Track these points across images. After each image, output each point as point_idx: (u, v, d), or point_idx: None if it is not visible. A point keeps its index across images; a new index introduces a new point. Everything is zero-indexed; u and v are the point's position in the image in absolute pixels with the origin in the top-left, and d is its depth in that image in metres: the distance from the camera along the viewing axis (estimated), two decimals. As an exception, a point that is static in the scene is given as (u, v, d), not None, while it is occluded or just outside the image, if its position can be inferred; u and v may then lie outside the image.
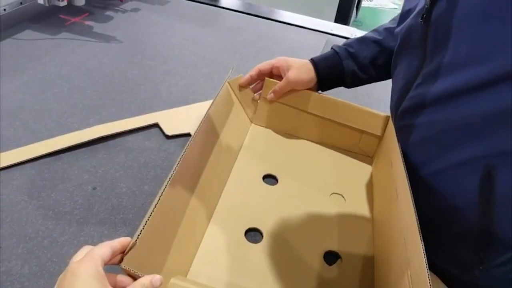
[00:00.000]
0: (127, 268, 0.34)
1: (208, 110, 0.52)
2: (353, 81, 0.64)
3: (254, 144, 0.66)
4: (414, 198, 0.42)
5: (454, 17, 0.41)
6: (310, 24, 1.17)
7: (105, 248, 0.33)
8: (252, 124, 0.69)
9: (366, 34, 0.65)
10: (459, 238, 0.47)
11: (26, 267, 0.46)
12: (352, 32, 1.17)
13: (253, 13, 1.20)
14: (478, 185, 0.41)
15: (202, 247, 0.49)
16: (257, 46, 1.02)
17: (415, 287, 0.36)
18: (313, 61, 0.63)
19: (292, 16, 1.22)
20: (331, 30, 1.16)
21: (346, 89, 0.67)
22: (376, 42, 0.62)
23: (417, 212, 0.40)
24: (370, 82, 0.66)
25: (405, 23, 0.51)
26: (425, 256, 0.35)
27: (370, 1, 3.71)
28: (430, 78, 0.45)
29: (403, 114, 0.51)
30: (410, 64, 0.50)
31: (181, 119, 0.71)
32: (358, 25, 3.35)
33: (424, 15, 0.44)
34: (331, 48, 0.65)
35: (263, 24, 1.15)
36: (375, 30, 0.65)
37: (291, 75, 0.62)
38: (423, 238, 0.37)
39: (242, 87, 0.65)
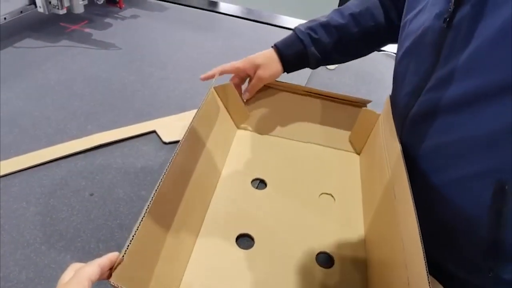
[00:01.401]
0: (115, 284, 0.34)
1: (193, 118, 0.53)
2: (317, 65, 0.66)
3: (241, 149, 0.66)
4: (424, 205, 0.41)
5: (477, 22, 0.40)
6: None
7: (93, 267, 0.32)
8: (238, 129, 0.70)
9: (330, 15, 0.65)
10: (469, 246, 0.46)
11: (23, 273, 0.46)
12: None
13: (252, 18, 1.21)
14: (491, 197, 0.40)
15: (194, 256, 0.48)
16: (256, 51, 1.02)
17: None
18: (277, 48, 0.65)
19: (291, 20, 1.23)
20: (329, 34, 1.16)
21: (343, 87, 0.68)
22: (339, 27, 0.63)
23: (426, 219, 0.40)
24: (333, 64, 0.70)
25: (417, 27, 0.50)
26: (425, 259, 0.35)
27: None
28: (444, 82, 0.44)
29: (414, 119, 0.50)
30: (420, 67, 0.48)
31: (178, 125, 0.71)
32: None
33: (447, 18, 0.43)
34: (293, 31, 0.65)
35: (262, 29, 1.16)
36: (339, 12, 0.64)
37: (262, 73, 0.64)
38: (430, 243, 0.37)
39: (202, 80, 0.66)
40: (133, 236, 0.36)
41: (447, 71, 0.43)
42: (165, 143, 0.68)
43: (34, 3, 0.93)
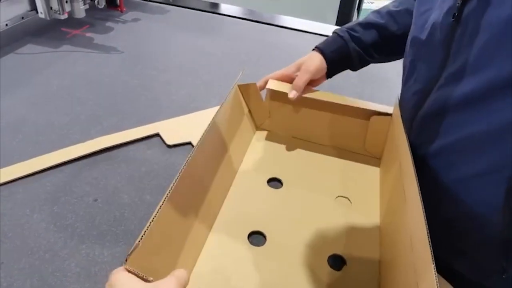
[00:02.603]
0: (130, 269, 0.33)
1: (216, 114, 0.52)
2: (360, 63, 0.64)
3: (259, 148, 0.66)
4: (434, 205, 0.40)
5: (485, 15, 0.39)
6: (311, 28, 1.17)
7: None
8: (258, 128, 0.69)
9: (368, 16, 0.64)
10: (481, 246, 0.45)
11: (28, 282, 0.46)
12: (353, 34, 1.16)
13: (254, 19, 1.20)
14: (504, 195, 0.39)
15: (205, 250, 0.48)
16: (258, 52, 1.02)
17: None
18: (318, 48, 0.63)
19: (293, 20, 1.22)
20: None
21: (348, 87, 0.67)
22: (378, 26, 0.62)
23: (436, 219, 0.39)
24: (377, 63, 0.66)
25: (427, 24, 0.48)
26: (434, 261, 0.34)
27: (372, 3, 3.71)
28: (454, 78, 0.43)
29: (424, 118, 0.49)
30: (430, 65, 0.47)
31: (182, 128, 0.71)
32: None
33: (456, 14, 0.42)
34: (333, 33, 0.64)
35: (264, 30, 1.15)
36: (377, 13, 0.64)
37: (307, 66, 0.61)
38: (440, 244, 0.36)
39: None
40: (150, 222, 0.36)
41: (457, 67, 0.42)
42: (169, 146, 0.67)
43: (35, 9, 0.93)
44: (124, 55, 0.93)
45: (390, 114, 0.61)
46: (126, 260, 0.33)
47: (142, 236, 0.35)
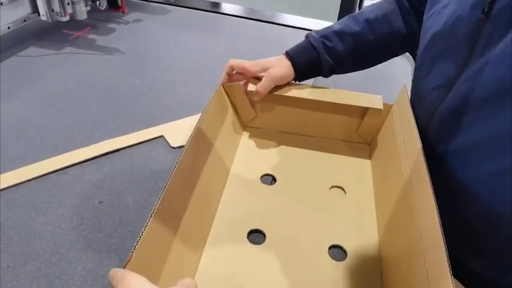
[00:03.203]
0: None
1: (200, 116, 0.52)
2: (330, 73, 0.64)
3: (249, 146, 0.66)
4: (448, 202, 0.40)
5: None
6: (312, 25, 1.16)
7: None
8: (246, 127, 0.69)
9: (344, 22, 0.62)
10: (499, 245, 0.44)
11: (34, 286, 0.45)
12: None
13: (255, 17, 1.19)
14: None
15: (206, 252, 0.48)
16: (260, 50, 1.01)
17: (432, 284, 0.34)
18: (289, 55, 0.62)
19: (294, 18, 1.21)
20: (335, 30, 1.15)
21: (352, 84, 0.66)
22: (354, 35, 0.60)
23: (450, 216, 0.38)
24: (348, 72, 0.66)
25: (448, 19, 0.47)
26: (447, 251, 0.33)
27: (373, -1, 3.68)
28: (479, 73, 0.42)
29: (445, 113, 0.47)
30: (453, 59, 0.46)
31: (186, 129, 0.70)
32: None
33: (485, 9, 0.41)
34: (306, 37, 0.63)
35: (266, 28, 1.14)
36: (353, 18, 0.62)
37: (273, 72, 0.61)
38: (453, 241, 0.35)
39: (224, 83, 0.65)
40: (142, 231, 0.36)
41: (483, 62, 0.41)
42: (173, 147, 0.67)
43: (37, 11, 0.93)
44: (127, 56, 0.93)
45: (380, 109, 0.61)
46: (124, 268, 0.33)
47: (134, 247, 0.34)
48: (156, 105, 0.77)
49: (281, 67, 0.61)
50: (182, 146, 0.67)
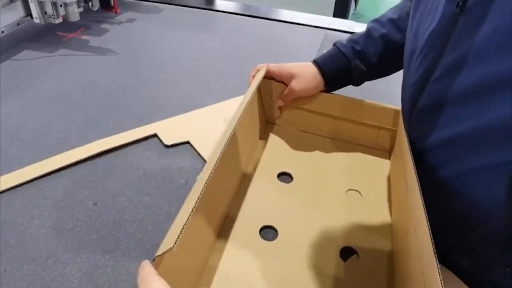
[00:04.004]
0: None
1: (239, 108, 0.51)
2: (361, 81, 0.63)
3: (270, 143, 0.66)
4: (436, 198, 0.40)
5: (494, 3, 0.37)
6: (307, 20, 1.16)
7: None
8: (268, 123, 0.69)
9: (369, 26, 0.62)
10: (485, 239, 0.44)
11: (30, 289, 0.46)
12: (350, 25, 1.15)
13: (250, 14, 1.19)
14: (506, 189, 0.38)
15: (217, 246, 0.48)
16: (255, 47, 1.01)
17: (427, 279, 0.34)
18: (317, 64, 0.61)
19: (289, 13, 1.21)
20: (329, 25, 1.14)
21: (362, 86, 0.65)
22: (381, 36, 0.60)
23: (439, 212, 0.38)
24: (379, 78, 0.64)
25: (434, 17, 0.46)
26: (435, 250, 0.33)
27: (370, -8, 3.66)
28: (452, 70, 0.41)
29: (421, 111, 0.48)
30: (427, 55, 0.46)
31: (179, 127, 0.70)
32: (358, 18, 3.30)
33: (460, 3, 0.40)
34: (334, 45, 0.62)
35: (260, 25, 1.14)
36: (377, 22, 0.61)
37: (295, 86, 0.60)
38: (443, 237, 0.35)
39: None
40: (181, 231, 0.35)
41: (455, 58, 0.41)
42: (167, 146, 0.67)
43: (30, 15, 0.93)
44: (120, 56, 0.93)
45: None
46: (154, 260, 0.33)
47: (175, 242, 0.33)
48: (150, 105, 0.77)
49: (304, 79, 0.60)
50: (176, 144, 0.67)
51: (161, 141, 0.67)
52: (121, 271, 0.48)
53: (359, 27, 1.14)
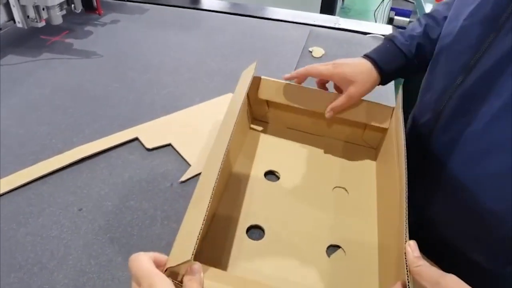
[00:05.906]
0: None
1: (232, 105, 0.51)
2: (413, 76, 0.62)
3: (255, 141, 0.65)
4: (455, 197, 0.41)
5: None
6: (293, 17, 1.16)
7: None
8: (254, 120, 0.69)
9: (423, 22, 0.60)
10: (499, 239, 0.45)
11: (16, 297, 0.46)
12: (335, 21, 1.16)
13: (235, 12, 1.19)
14: None
15: (204, 245, 0.48)
16: (240, 45, 1.01)
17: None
18: (375, 62, 0.58)
19: (274, 11, 1.21)
20: (314, 21, 1.14)
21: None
22: (439, 36, 0.57)
23: (457, 209, 0.40)
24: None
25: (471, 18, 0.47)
26: (407, 236, 0.35)
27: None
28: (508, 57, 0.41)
29: (447, 114, 0.49)
30: (457, 58, 0.46)
31: (161, 130, 0.70)
32: (346, 12, 3.30)
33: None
34: (392, 42, 0.60)
35: (246, 23, 1.14)
36: (433, 19, 0.59)
37: (354, 92, 0.57)
38: (460, 234, 0.36)
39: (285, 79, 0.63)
40: (200, 231, 0.36)
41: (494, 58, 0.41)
42: (148, 149, 0.67)
43: (13, 19, 0.92)
44: (104, 58, 0.93)
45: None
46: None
47: (195, 245, 0.35)
48: (135, 107, 0.77)
49: (364, 84, 0.57)
50: (158, 147, 0.67)
51: (142, 144, 0.67)
52: (107, 277, 0.48)
53: (346, 23, 1.15)
